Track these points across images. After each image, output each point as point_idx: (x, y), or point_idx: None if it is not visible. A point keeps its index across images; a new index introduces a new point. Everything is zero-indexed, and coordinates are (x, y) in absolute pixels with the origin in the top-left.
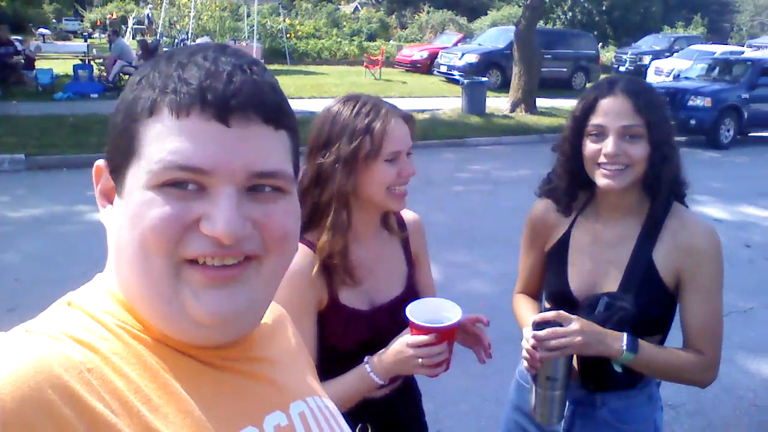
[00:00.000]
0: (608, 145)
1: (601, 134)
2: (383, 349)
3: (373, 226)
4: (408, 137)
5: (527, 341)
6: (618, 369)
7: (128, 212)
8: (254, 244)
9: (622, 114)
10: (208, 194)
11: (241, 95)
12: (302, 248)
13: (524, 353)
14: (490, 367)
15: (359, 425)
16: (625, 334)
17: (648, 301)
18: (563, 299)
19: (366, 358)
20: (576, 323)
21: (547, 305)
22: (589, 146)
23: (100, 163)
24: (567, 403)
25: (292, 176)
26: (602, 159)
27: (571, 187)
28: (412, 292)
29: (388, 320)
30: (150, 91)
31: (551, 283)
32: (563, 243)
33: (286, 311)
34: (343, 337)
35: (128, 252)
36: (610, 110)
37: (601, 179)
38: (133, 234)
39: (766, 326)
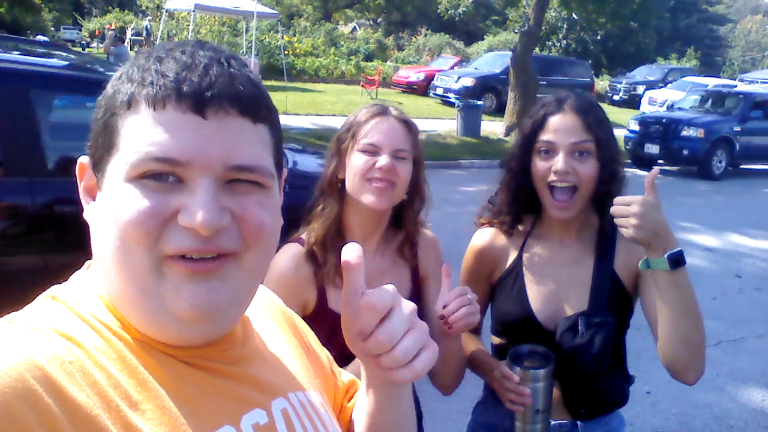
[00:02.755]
0: (558, 162)
1: (550, 151)
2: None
3: (374, 236)
4: (396, 138)
5: (509, 379)
6: (642, 268)
7: (108, 206)
8: (231, 239)
9: (572, 131)
10: (186, 186)
11: (217, 87)
12: (291, 247)
13: (509, 393)
14: (479, 387)
15: None
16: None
17: (620, 311)
18: (524, 326)
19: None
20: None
21: (495, 340)
22: (539, 164)
23: (84, 160)
24: None
25: (271, 171)
26: (552, 177)
27: (515, 205)
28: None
29: None
30: (128, 84)
31: (506, 312)
32: (515, 268)
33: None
34: (328, 342)
35: (109, 246)
36: (560, 127)
37: (553, 211)
38: (113, 228)
39: (755, 355)
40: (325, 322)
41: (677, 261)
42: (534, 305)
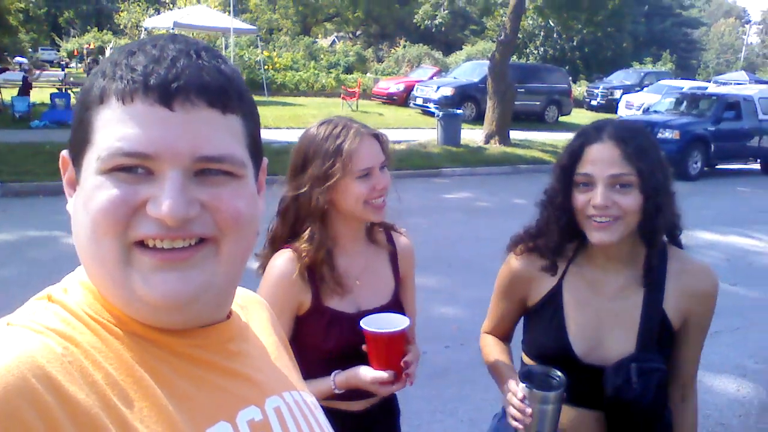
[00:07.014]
0: (597, 196)
1: (589, 184)
2: (348, 371)
3: (358, 237)
4: (379, 153)
5: (514, 394)
6: None
7: (82, 197)
8: (206, 226)
9: (610, 162)
10: (155, 178)
11: (183, 78)
12: (288, 253)
13: (511, 409)
14: (463, 388)
15: None
16: None
17: (667, 351)
18: (561, 359)
19: (333, 374)
20: None
21: (527, 360)
22: (578, 197)
23: (65, 153)
24: None
25: (243, 161)
26: (591, 211)
27: (561, 243)
28: (397, 304)
29: None
30: (101, 79)
31: (544, 342)
32: (554, 296)
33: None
34: (325, 336)
35: (82, 236)
36: (598, 158)
37: (593, 234)
38: (85, 218)
39: (731, 348)
40: (322, 319)
41: None
42: (573, 339)
